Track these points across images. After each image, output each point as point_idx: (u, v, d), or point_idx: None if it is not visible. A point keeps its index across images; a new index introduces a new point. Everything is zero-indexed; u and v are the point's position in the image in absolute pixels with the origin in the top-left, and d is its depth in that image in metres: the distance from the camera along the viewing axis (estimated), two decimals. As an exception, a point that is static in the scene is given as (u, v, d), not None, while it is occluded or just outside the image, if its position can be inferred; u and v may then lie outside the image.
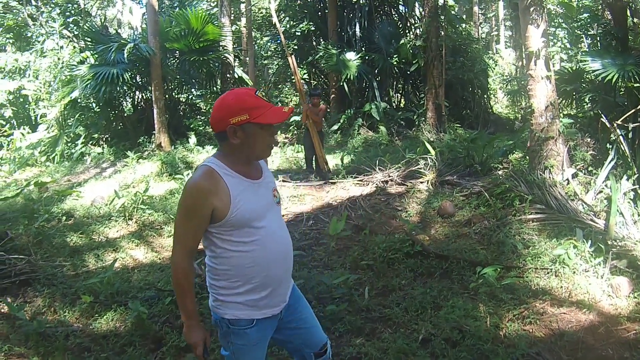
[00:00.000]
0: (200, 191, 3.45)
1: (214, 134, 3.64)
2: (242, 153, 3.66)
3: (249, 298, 3.69)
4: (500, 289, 6.83)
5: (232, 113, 3.52)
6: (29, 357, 6.31)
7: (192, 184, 3.47)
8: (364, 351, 5.71)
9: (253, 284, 3.70)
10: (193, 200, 3.45)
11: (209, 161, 3.57)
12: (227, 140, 3.56)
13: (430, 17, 19.88)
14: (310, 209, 11.66)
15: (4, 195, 13.75)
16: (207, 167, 3.53)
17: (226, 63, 23.82)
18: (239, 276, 3.65)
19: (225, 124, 3.51)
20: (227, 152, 3.62)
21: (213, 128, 3.59)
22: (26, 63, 23.44)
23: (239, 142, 3.57)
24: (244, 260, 3.62)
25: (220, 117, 3.54)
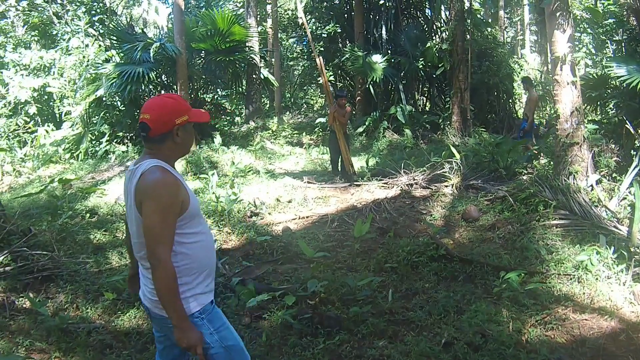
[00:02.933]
0: (170, 186, 3.56)
1: (151, 138, 3.67)
2: (179, 152, 3.88)
3: (205, 284, 3.82)
4: (523, 294, 6.83)
5: (176, 114, 3.70)
6: (50, 352, 6.37)
7: (161, 181, 3.53)
8: (386, 353, 5.74)
9: (207, 270, 3.85)
10: (167, 196, 3.52)
11: (155, 162, 3.63)
12: (168, 141, 3.71)
13: (456, 21, 19.84)
14: (334, 210, 11.69)
15: (28, 191, 13.84)
16: (160, 166, 3.62)
17: (252, 64, 23.90)
18: (198, 267, 3.75)
19: (172, 125, 3.67)
20: (166, 154, 3.74)
21: (155, 130, 3.64)
22: (51, 61, 23.54)
23: (180, 141, 3.76)
24: (199, 250, 3.77)
25: (166, 118, 3.66)
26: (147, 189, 3.51)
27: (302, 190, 13.36)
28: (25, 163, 19.20)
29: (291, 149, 21.05)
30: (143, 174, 3.56)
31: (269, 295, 7.03)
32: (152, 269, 3.49)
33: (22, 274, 8.14)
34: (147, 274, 3.72)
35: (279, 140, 22.47)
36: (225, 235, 10.53)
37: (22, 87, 21.63)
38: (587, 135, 10.51)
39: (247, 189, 13.39)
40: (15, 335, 6.74)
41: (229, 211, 11.31)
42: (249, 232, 10.44)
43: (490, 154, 12.71)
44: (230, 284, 7.83)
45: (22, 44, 25.13)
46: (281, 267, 8.90)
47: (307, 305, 7.01)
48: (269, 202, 12.32)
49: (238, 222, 11.03)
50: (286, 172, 16.44)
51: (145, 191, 3.51)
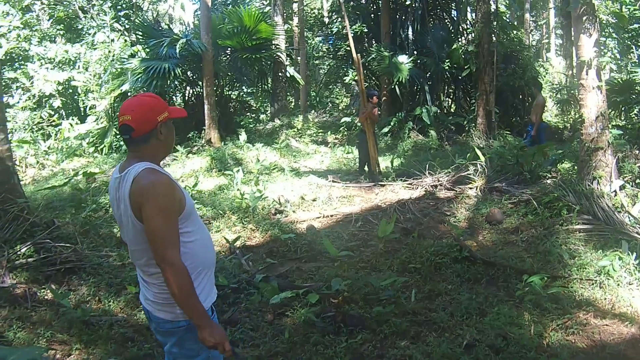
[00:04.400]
0: (167, 186, 3.52)
1: (135, 139, 3.61)
2: (164, 150, 3.86)
3: (205, 284, 3.79)
4: (545, 297, 6.83)
5: (158, 111, 3.68)
6: (71, 344, 6.44)
7: (157, 183, 3.48)
8: (408, 354, 5.77)
9: (207, 269, 3.84)
10: (166, 197, 3.48)
11: (145, 164, 3.57)
12: (152, 140, 3.67)
13: (482, 23, 19.77)
14: (359, 210, 11.71)
15: (51, 184, 13.91)
16: (151, 167, 3.57)
17: (278, 62, 23.99)
18: (199, 265, 3.72)
19: (154, 123, 3.64)
20: (151, 153, 3.68)
21: (138, 131, 3.59)
22: (76, 55, 23.64)
23: (163, 138, 3.73)
24: (199, 248, 3.74)
25: (148, 117, 3.62)
26: (144, 192, 3.46)
27: (327, 189, 13.38)
28: (48, 156, 19.28)
29: (316, 148, 21.06)
30: (136, 177, 3.50)
31: (292, 293, 7.08)
32: (164, 273, 3.44)
33: (44, 266, 8.23)
34: (149, 278, 3.73)
35: (304, 138, 22.49)
36: (249, 232, 10.59)
37: (46, 80, 21.76)
38: (611, 141, 10.48)
39: (272, 187, 13.47)
40: (36, 326, 6.82)
41: (254, 208, 11.38)
42: (273, 229, 10.50)
43: (514, 157, 12.67)
44: (253, 281, 7.84)
45: (47, 37, 25.21)
46: (305, 265, 8.95)
47: (330, 304, 7.03)
48: (293, 200, 12.36)
49: (262, 219, 11.09)
50: (311, 170, 16.48)
51: (142, 195, 3.45)
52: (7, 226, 8.64)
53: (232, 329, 6.57)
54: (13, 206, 8.87)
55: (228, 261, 8.95)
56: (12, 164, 9.44)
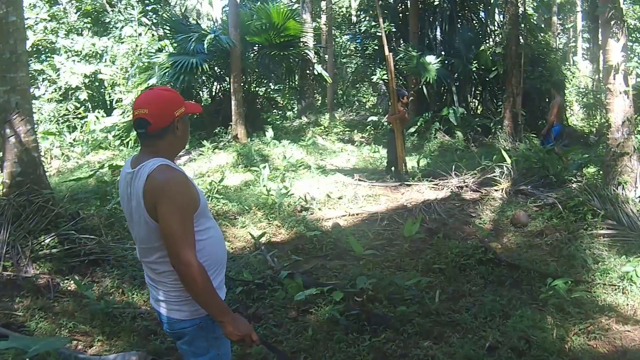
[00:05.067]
0: (183, 184, 3.44)
1: (151, 133, 3.51)
2: (179, 146, 3.76)
3: (219, 281, 3.73)
4: (568, 302, 6.81)
5: (175, 106, 3.57)
6: (93, 336, 6.50)
7: (173, 181, 3.41)
8: (431, 354, 5.79)
9: (220, 265, 3.78)
10: (182, 195, 3.41)
11: (159, 161, 3.47)
12: (169, 135, 3.57)
13: (510, 25, 19.70)
14: (384, 209, 11.72)
15: (76, 176, 13.95)
16: (166, 164, 3.48)
17: (306, 59, 23.97)
18: (212, 263, 3.65)
19: (172, 118, 3.53)
20: (165, 148, 3.59)
21: (155, 125, 3.49)
22: (103, 48, 23.68)
23: (180, 134, 3.63)
24: (212, 246, 3.67)
25: (165, 111, 3.52)
26: (159, 190, 3.36)
27: (353, 187, 13.38)
28: (74, 148, 19.32)
29: (342, 146, 21.08)
30: (151, 175, 3.38)
31: (316, 290, 7.08)
32: (180, 274, 3.38)
33: (68, 257, 8.28)
34: (157, 277, 3.66)
35: (330, 136, 22.51)
36: (275, 228, 10.64)
37: (73, 72, 21.78)
38: (637, 146, 10.44)
39: (298, 184, 13.48)
40: (58, 317, 6.88)
41: (280, 205, 11.42)
42: (299, 226, 10.54)
43: (540, 160, 12.64)
44: (278, 277, 7.88)
45: (74, 30, 25.25)
46: (330, 262, 8.98)
47: (354, 302, 7.08)
48: (319, 198, 12.39)
49: (288, 216, 11.14)
50: (337, 168, 16.50)
51: (158, 193, 3.36)
52: (31, 217, 8.68)
53: (255, 325, 6.58)
54: (38, 197, 8.93)
55: (253, 257, 9.02)
56: (38, 155, 9.52)
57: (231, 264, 8.64)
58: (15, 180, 8.99)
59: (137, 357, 5.72)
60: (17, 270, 7.80)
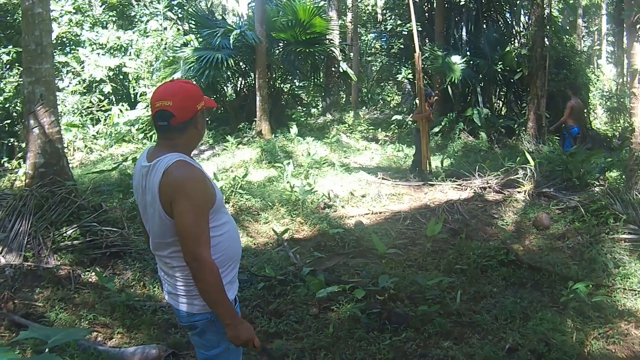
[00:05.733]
0: (200, 181, 3.43)
1: (174, 126, 3.46)
2: (197, 140, 3.76)
3: (232, 276, 3.76)
4: (588, 305, 6.79)
5: (197, 99, 3.54)
6: (113, 328, 6.59)
7: (191, 178, 3.39)
8: (451, 354, 5.82)
9: (235, 261, 3.80)
10: (199, 193, 3.39)
11: (176, 156, 3.44)
12: (190, 129, 3.54)
13: (536, 27, 19.60)
14: (407, 208, 11.72)
15: (99, 168, 14.05)
16: (184, 160, 3.45)
17: (332, 56, 23.96)
18: (228, 258, 3.67)
19: (194, 111, 3.51)
20: (184, 143, 3.57)
21: (179, 118, 3.44)
22: (128, 41, 23.74)
23: (200, 128, 3.62)
24: (228, 241, 3.67)
25: (189, 104, 3.49)
26: (177, 187, 3.34)
27: (376, 185, 13.38)
28: (97, 140, 19.41)
29: (366, 144, 21.07)
30: (167, 170, 3.36)
31: (338, 288, 7.11)
32: (193, 271, 3.36)
33: (90, 249, 8.35)
34: (170, 271, 3.67)
35: (354, 134, 22.47)
36: (297, 225, 10.67)
37: (97, 65, 21.80)
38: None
39: (322, 181, 13.50)
40: (78, 308, 6.96)
41: (303, 201, 11.44)
42: (322, 223, 10.57)
43: (563, 163, 12.59)
44: (300, 274, 7.91)
45: (99, 23, 25.24)
46: (352, 260, 8.99)
47: (376, 301, 7.10)
48: (342, 196, 12.41)
49: (311, 213, 11.17)
50: (361, 166, 16.50)
51: (175, 190, 3.34)
52: (54, 208, 8.77)
53: (276, 321, 6.66)
54: (61, 188, 9.03)
55: (275, 253, 9.09)
56: (62, 146, 9.59)
57: (253, 260, 8.74)
58: (38, 172, 9.09)
59: (157, 351, 5.77)
60: (38, 261, 7.87)
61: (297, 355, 5.92)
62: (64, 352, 5.59)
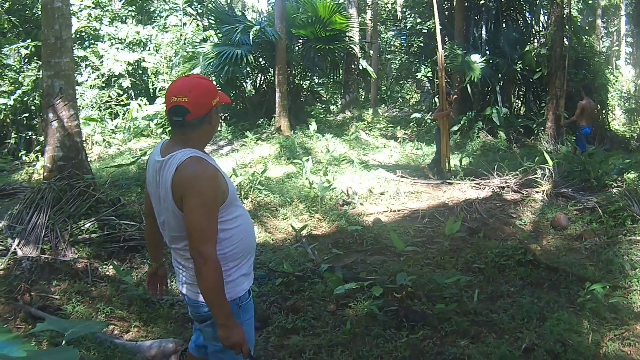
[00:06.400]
0: (212, 178, 3.44)
1: (189, 122, 3.47)
2: (209, 136, 3.76)
3: (247, 267, 3.81)
4: (605, 307, 6.76)
5: (212, 95, 3.55)
6: (130, 321, 6.60)
7: (203, 175, 3.40)
8: (467, 353, 5.78)
9: (250, 252, 3.84)
10: (210, 190, 3.41)
11: (190, 152, 3.46)
12: (205, 125, 3.56)
13: (555, 27, 19.55)
14: (426, 206, 11.72)
15: (118, 162, 14.15)
16: (197, 156, 3.46)
17: (351, 54, 24.05)
18: (242, 250, 3.72)
19: (210, 107, 3.52)
20: (198, 138, 3.59)
21: (194, 114, 3.45)
22: (147, 36, 23.82)
23: (214, 123, 3.65)
24: (242, 233, 3.70)
25: (205, 100, 3.50)
26: (188, 183, 3.37)
27: (395, 183, 13.35)
28: (115, 134, 19.51)
29: (385, 142, 21.04)
30: (180, 166, 3.39)
31: (356, 285, 7.09)
32: (197, 267, 3.39)
33: (107, 242, 8.36)
34: (186, 262, 3.68)
35: (373, 132, 22.47)
36: (316, 221, 10.69)
37: (116, 60, 21.89)
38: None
39: (341, 178, 13.51)
40: (95, 301, 6.98)
41: (322, 198, 11.44)
42: (340, 220, 10.57)
43: (582, 163, 12.56)
44: (318, 270, 7.91)
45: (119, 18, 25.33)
46: (370, 257, 8.99)
47: (393, 298, 7.10)
48: (361, 193, 12.40)
49: (330, 209, 11.16)
50: (380, 164, 16.48)
51: (187, 186, 3.37)
52: (72, 201, 8.78)
53: (294, 317, 6.66)
54: (79, 181, 9.04)
55: (294, 249, 9.08)
56: (81, 140, 9.63)
57: (271, 256, 8.75)
58: (56, 165, 9.13)
59: (174, 345, 5.78)
60: (56, 253, 7.89)
61: (313, 351, 5.92)
62: (81, 345, 5.62)
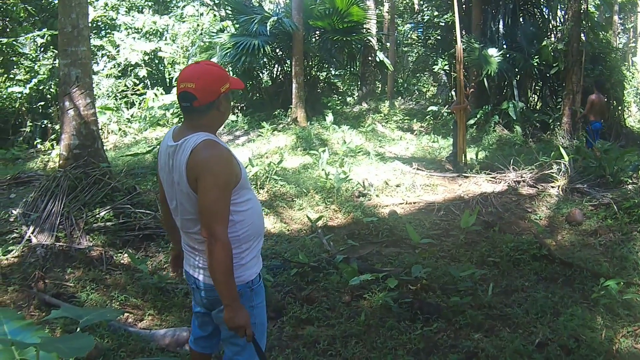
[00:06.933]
0: (227, 160, 3.48)
1: (196, 108, 3.52)
2: (221, 122, 3.79)
3: (257, 251, 3.83)
4: (619, 303, 6.73)
5: (222, 82, 3.58)
6: (144, 309, 6.63)
7: (217, 157, 3.44)
8: (481, 346, 5.77)
9: (259, 237, 3.87)
10: (224, 172, 3.45)
11: (204, 135, 3.50)
12: (213, 111, 3.59)
13: (572, 22, 19.45)
14: (442, 199, 11.74)
15: (133, 151, 14.18)
16: (211, 139, 3.51)
17: (368, 46, 24.00)
18: (253, 233, 3.75)
19: (217, 93, 3.55)
20: (208, 123, 3.61)
21: (201, 100, 3.49)
22: (164, 26, 23.87)
23: (223, 110, 3.66)
24: (253, 216, 3.73)
25: (212, 87, 3.53)
26: (203, 165, 3.40)
27: (411, 176, 13.37)
28: (131, 124, 19.62)
29: (402, 134, 21.00)
30: (195, 149, 3.43)
31: (371, 276, 7.09)
32: (208, 246, 3.42)
33: (122, 231, 8.41)
34: (199, 246, 3.69)
35: (390, 124, 22.42)
36: (332, 212, 10.71)
37: (133, 49, 21.97)
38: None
39: (357, 169, 13.53)
40: (110, 289, 7.03)
41: (338, 189, 11.46)
42: (356, 211, 10.58)
43: (597, 159, 12.52)
44: (334, 261, 7.93)
45: (135, 7, 25.41)
46: (385, 249, 9.00)
47: (408, 290, 7.11)
48: (377, 184, 12.42)
49: (345, 200, 11.19)
50: (396, 156, 16.46)
51: (201, 168, 3.40)
52: (87, 189, 8.85)
53: (308, 307, 6.67)
54: (95, 170, 9.11)
55: (309, 240, 9.12)
56: (97, 128, 9.67)
57: (287, 246, 8.80)
58: (72, 153, 9.18)
59: (188, 333, 5.74)
60: (70, 241, 7.93)
61: (328, 342, 5.92)
62: (94, 333, 5.65)
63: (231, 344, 3.86)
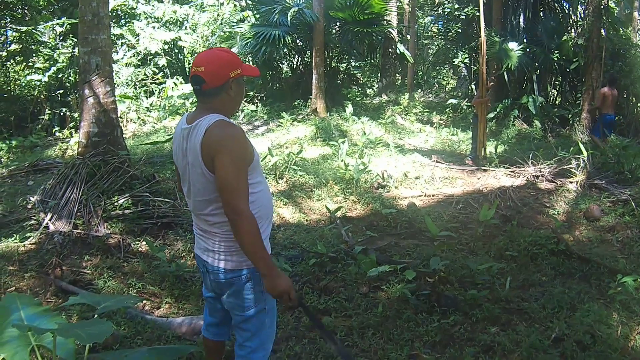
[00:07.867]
0: (242, 137, 3.54)
1: (205, 91, 3.62)
2: (233, 106, 3.84)
3: (267, 234, 3.85)
4: (635, 300, 6.68)
5: (231, 67, 3.64)
6: (161, 297, 6.67)
7: (231, 134, 3.51)
8: (497, 340, 5.75)
9: (269, 220, 3.91)
10: (239, 149, 3.51)
11: (217, 116, 3.58)
12: (222, 94, 3.66)
13: (593, 17, 19.33)
14: (460, 192, 11.72)
15: (152, 140, 14.21)
16: (224, 120, 3.60)
17: (389, 38, 23.81)
18: (264, 214, 3.78)
19: (226, 78, 3.62)
20: (220, 106, 3.67)
21: (210, 83, 3.58)
22: (184, 16, 23.82)
23: (233, 94, 3.72)
24: (263, 198, 3.78)
25: (221, 71, 3.60)
26: (218, 144, 3.46)
27: (430, 168, 13.37)
28: (150, 112, 19.65)
29: (421, 127, 20.89)
30: (209, 128, 3.49)
31: (389, 268, 7.07)
32: (233, 223, 3.45)
33: (141, 219, 8.46)
34: (210, 228, 3.75)
35: (409, 116, 22.29)
36: (350, 203, 10.72)
37: (153, 38, 21.92)
38: None
39: (376, 161, 13.50)
40: (127, 276, 7.06)
41: (357, 180, 11.44)
42: (375, 203, 10.59)
43: (616, 155, 12.45)
44: (352, 252, 7.94)
45: (156, -3, 25.39)
46: (404, 241, 9.00)
47: (426, 282, 7.07)
48: (396, 176, 12.41)
49: (364, 192, 11.20)
50: (415, 148, 16.42)
51: (216, 146, 3.46)
52: (106, 177, 8.89)
53: (326, 298, 6.70)
54: (114, 158, 9.16)
55: (328, 230, 9.13)
56: (116, 116, 9.73)
57: (305, 236, 8.83)
58: (91, 140, 9.23)
59: (205, 322, 5.84)
60: (88, 228, 7.98)
61: (345, 332, 5.94)
62: (111, 319, 5.68)
63: (242, 329, 3.90)
